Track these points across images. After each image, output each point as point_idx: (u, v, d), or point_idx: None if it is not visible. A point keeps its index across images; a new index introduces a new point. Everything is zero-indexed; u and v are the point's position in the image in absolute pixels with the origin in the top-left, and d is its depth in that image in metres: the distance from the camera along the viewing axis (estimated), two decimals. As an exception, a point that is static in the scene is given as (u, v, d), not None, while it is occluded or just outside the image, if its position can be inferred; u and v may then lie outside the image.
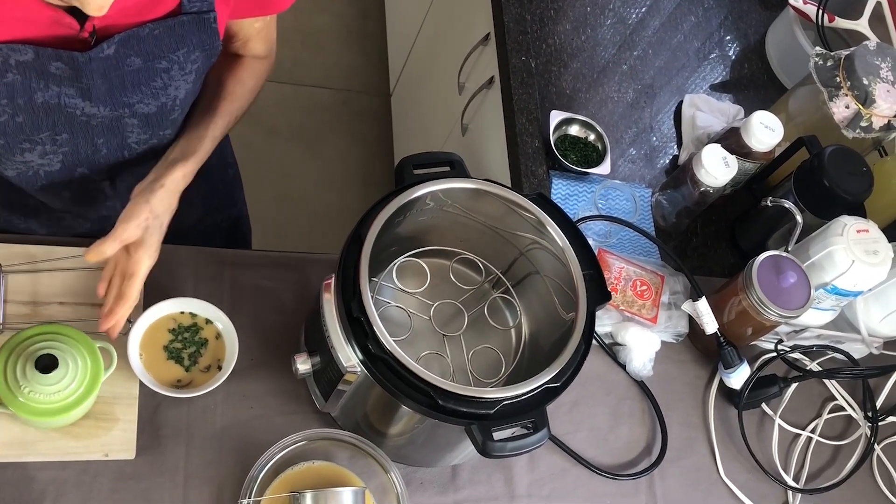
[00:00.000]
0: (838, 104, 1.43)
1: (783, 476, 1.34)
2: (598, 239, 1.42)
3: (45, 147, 1.05)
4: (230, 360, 1.10)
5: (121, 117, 1.05)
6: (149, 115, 1.07)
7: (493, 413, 0.96)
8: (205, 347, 1.12)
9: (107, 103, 1.02)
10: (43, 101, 0.98)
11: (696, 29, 1.81)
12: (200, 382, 1.09)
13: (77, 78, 0.97)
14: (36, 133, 1.02)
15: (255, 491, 1.04)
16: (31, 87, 0.97)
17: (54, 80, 0.97)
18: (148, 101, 1.05)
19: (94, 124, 1.04)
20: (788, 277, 1.25)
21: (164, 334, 1.11)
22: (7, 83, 0.95)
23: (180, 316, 1.13)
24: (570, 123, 1.51)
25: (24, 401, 0.97)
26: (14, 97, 0.97)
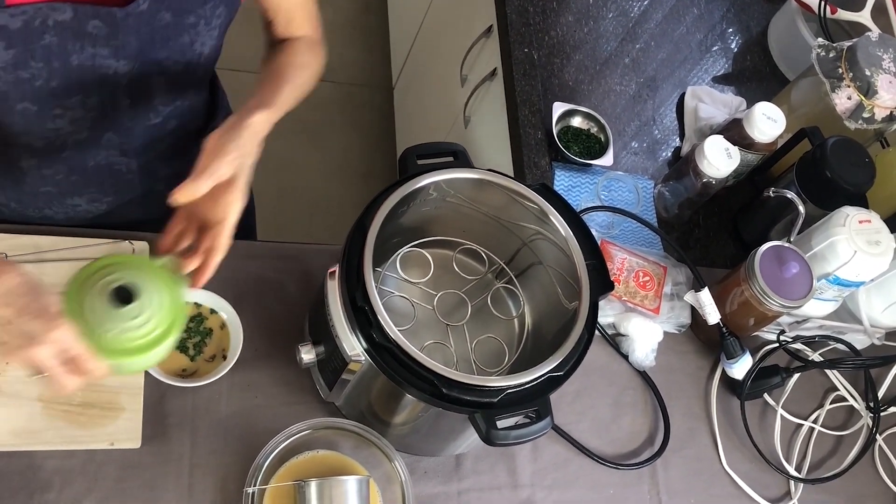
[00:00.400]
0: (840, 95, 1.43)
1: (785, 466, 1.34)
2: (601, 230, 1.42)
3: (74, 112, 1.04)
4: (235, 350, 1.11)
5: (149, 75, 1.05)
6: (176, 73, 1.07)
7: (497, 401, 0.96)
8: (210, 337, 1.12)
9: (136, 60, 1.02)
10: (78, 63, 0.98)
11: (698, 21, 1.81)
12: (205, 372, 1.10)
13: (112, 36, 0.97)
14: (67, 98, 1.02)
15: (259, 479, 1.05)
16: (67, 49, 0.96)
17: (90, 40, 0.96)
18: (176, 57, 1.05)
19: (123, 84, 1.04)
20: (791, 268, 1.25)
21: None
22: (44, 45, 0.95)
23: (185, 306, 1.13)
24: (573, 115, 1.51)
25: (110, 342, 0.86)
26: (50, 60, 0.96)
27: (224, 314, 1.14)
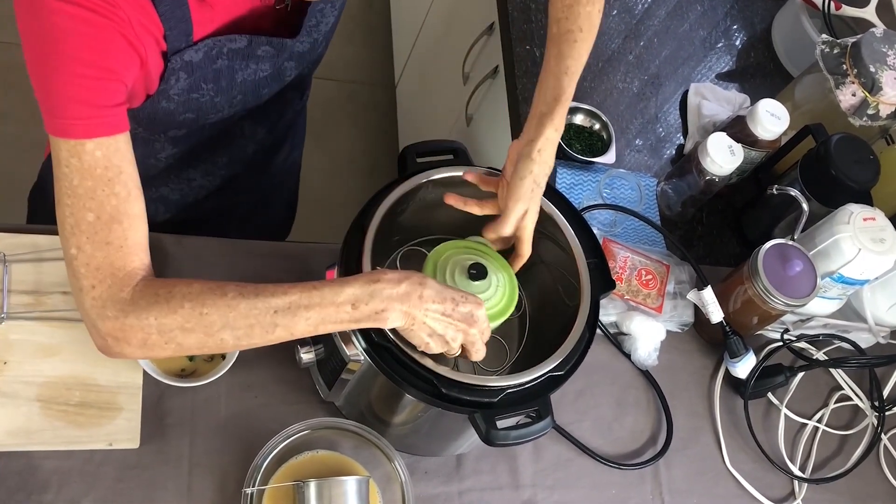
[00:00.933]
0: (845, 92, 1.42)
1: (789, 466, 1.33)
2: (603, 228, 1.41)
3: (223, 113, 1.09)
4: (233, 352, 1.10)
5: (281, 62, 1.08)
6: (302, 52, 1.10)
7: (497, 401, 0.96)
8: None
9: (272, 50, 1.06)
10: (242, 80, 1.04)
11: (702, 18, 1.80)
12: (204, 372, 1.09)
13: (278, 56, 1.04)
14: (224, 106, 1.07)
15: (258, 480, 1.04)
16: (234, 69, 1.01)
17: (255, 60, 1.02)
18: (303, 38, 1.08)
19: (260, 77, 1.08)
20: (794, 266, 1.24)
21: None
22: (216, 69, 1.00)
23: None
24: (575, 112, 1.50)
25: None
26: (219, 80, 1.01)
27: None
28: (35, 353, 1.07)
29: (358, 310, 0.88)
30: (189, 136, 1.16)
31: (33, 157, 2.09)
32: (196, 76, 0.99)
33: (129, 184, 0.90)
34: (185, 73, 0.98)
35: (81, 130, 0.85)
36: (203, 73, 1.00)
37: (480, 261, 1.02)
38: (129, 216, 0.90)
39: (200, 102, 1.04)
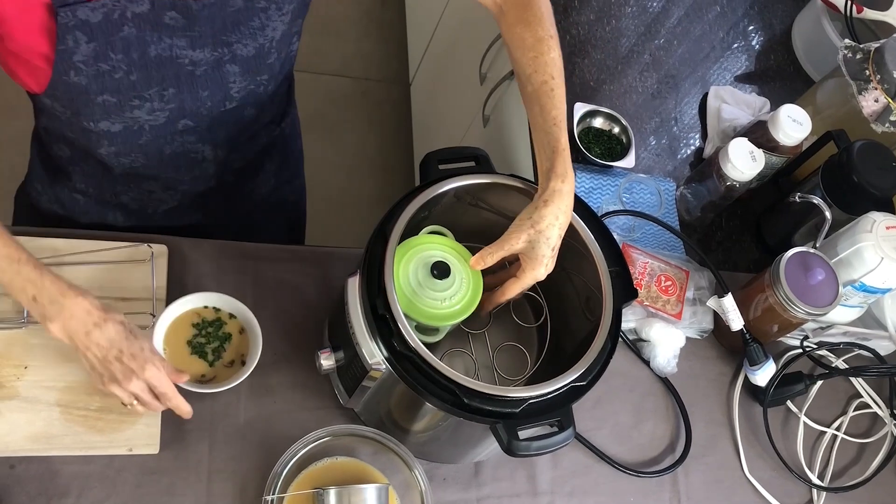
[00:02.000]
0: (867, 98, 1.41)
1: (808, 474, 1.32)
2: (622, 233, 1.40)
3: (153, 104, 1.06)
4: (254, 356, 1.10)
5: (221, 62, 1.06)
6: (248, 58, 1.08)
7: (519, 412, 0.95)
8: (228, 342, 1.12)
9: (209, 46, 1.03)
10: (156, 54, 1.00)
11: (720, 18, 1.79)
12: (224, 378, 1.09)
13: (189, 27, 0.99)
14: (146, 89, 1.04)
15: (278, 487, 1.04)
16: (145, 40, 0.98)
17: (167, 30, 0.99)
18: (246, 41, 1.06)
19: (198, 74, 1.05)
20: (816, 275, 1.23)
21: (188, 329, 1.11)
22: (123, 37, 0.97)
23: (204, 311, 1.12)
24: (595, 116, 1.50)
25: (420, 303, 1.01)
26: (129, 51, 0.98)
27: (243, 319, 1.13)
28: (55, 357, 1.07)
29: (36, 303, 0.95)
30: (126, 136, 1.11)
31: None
32: (100, 42, 0.96)
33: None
34: (84, 35, 0.95)
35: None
36: (108, 40, 0.97)
37: (443, 258, 1.05)
38: None
39: (115, 80, 1.01)
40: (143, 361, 0.97)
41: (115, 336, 0.96)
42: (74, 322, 0.95)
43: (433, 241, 1.07)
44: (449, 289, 1.04)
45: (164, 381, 0.99)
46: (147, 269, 1.16)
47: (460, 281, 1.05)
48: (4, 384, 1.05)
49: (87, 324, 0.95)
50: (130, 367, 0.97)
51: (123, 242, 1.16)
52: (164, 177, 1.22)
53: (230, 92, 1.11)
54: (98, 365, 0.97)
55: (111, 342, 0.96)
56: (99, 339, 0.95)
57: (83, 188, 1.24)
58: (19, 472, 1.02)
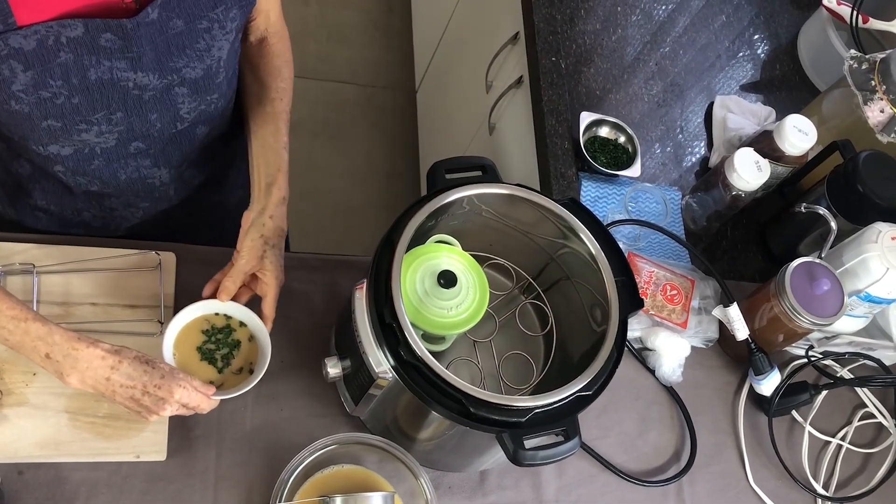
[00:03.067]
0: (873, 108, 1.41)
1: (812, 484, 1.32)
2: (628, 242, 1.41)
3: (100, 127, 1.05)
4: (262, 364, 1.10)
5: (170, 87, 1.06)
6: (196, 79, 1.08)
7: (525, 421, 0.95)
8: (238, 349, 1.12)
9: (156, 71, 1.03)
10: (97, 77, 0.99)
11: (725, 27, 1.80)
12: (232, 385, 1.09)
13: (127, 48, 0.98)
14: (92, 113, 1.03)
15: (285, 495, 1.04)
16: (83, 65, 0.97)
17: (105, 53, 0.98)
18: (194, 64, 1.06)
19: (146, 99, 1.05)
20: (822, 285, 1.23)
21: (198, 335, 1.11)
22: (60, 63, 0.96)
23: (214, 317, 1.12)
24: (600, 125, 1.50)
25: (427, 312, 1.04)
26: (69, 77, 0.97)
27: (252, 327, 1.13)
28: (64, 364, 1.08)
29: (50, 361, 0.97)
30: (78, 159, 1.11)
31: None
32: (37, 70, 0.95)
33: None
34: (20, 63, 0.94)
35: None
36: (46, 68, 0.96)
37: (450, 267, 1.06)
38: None
39: (58, 105, 1.00)
40: (170, 387, 0.99)
41: (133, 373, 0.98)
42: (91, 371, 0.97)
43: (440, 250, 1.08)
44: (455, 298, 1.04)
45: (194, 397, 1.01)
46: (155, 276, 1.16)
47: (467, 290, 1.06)
48: (13, 391, 1.05)
49: (104, 370, 0.97)
50: (159, 395, 0.98)
51: (132, 250, 1.17)
52: (123, 199, 1.22)
53: (179, 113, 1.10)
54: (130, 403, 0.99)
55: (133, 380, 0.98)
56: (120, 380, 0.97)
57: (44, 205, 1.22)
58: (28, 478, 1.02)
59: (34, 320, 0.96)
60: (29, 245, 1.14)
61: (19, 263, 1.11)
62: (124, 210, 1.25)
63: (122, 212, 1.25)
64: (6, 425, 1.03)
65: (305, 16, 2.90)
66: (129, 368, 0.97)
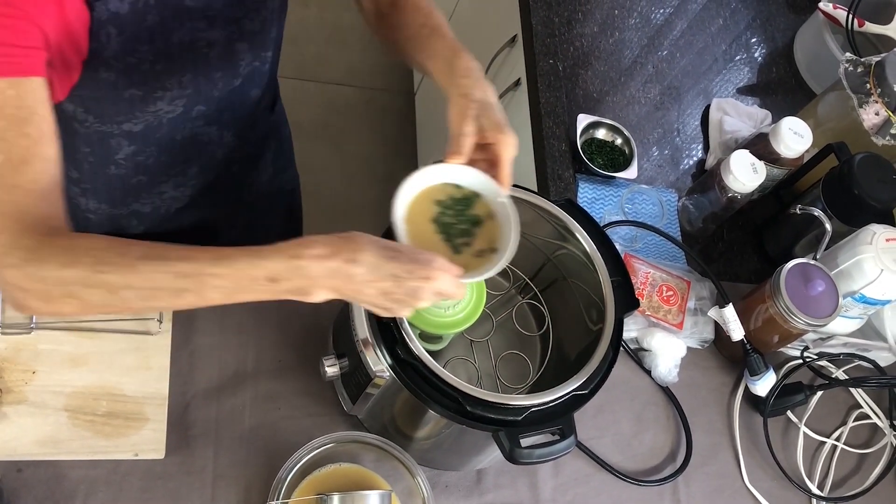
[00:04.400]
0: (868, 111, 1.42)
1: (808, 484, 1.33)
2: (625, 244, 1.42)
3: (173, 93, 1.06)
4: (506, 243, 0.91)
5: (231, 41, 1.06)
6: (254, 33, 1.08)
7: (521, 420, 0.96)
8: (479, 227, 0.94)
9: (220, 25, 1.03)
10: (178, 40, 1.00)
11: (722, 31, 1.81)
12: (474, 267, 0.90)
13: (208, 6, 0.99)
14: (168, 78, 1.03)
15: (282, 493, 1.05)
16: (168, 28, 0.98)
17: (187, 14, 0.98)
18: (252, 15, 1.06)
19: (212, 56, 1.06)
20: (817, 286, 1.24)
21: (431, 206, 0.94)
22: (147, 26, 0.96)
23: (446, 188, 0.95)
24: (597, 127, 1.51)
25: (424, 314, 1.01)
26: (154, 41, 0.98)
27: (491, 201, 0.95)
28: (63, 363, 1.08)
29: (278, 284, 0.83)
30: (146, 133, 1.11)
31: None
32: (128, 34, 0.96)
33: (42, 126, 0.85)
34: (115, 28, 0.94)
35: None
36: (135, 32, 0.96)
37: None
38: (42, 158, 0.85)
39: (142, 72, 1.00)
40: (425, 271, 0.83)
41: (377, 262, 0.82)
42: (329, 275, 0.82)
43: None
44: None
45: (447, 283, 0.85)
46: (154, 275, 1.17)
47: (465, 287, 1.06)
48: (13, 389, 1.06)
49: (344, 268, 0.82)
50: (411, 284, 0.83)
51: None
52: (174, 172, 1.23)
53: (239, 70, 1.11)
54: (380, 300, 0.85)
55: (379, 271, 0.83)
56: (365, 275, 0.82)
57: (94, 207, 1.23)
58: (27, 475, 1.03)
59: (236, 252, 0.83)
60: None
61: (19, 262, 1.12)
62: (174, 191, 1.25)
63: (171, 193, 1.25)
64: (5, 423, 1.04)
65: (305, 18, 2.90)
66: (370, 257, 0.82)
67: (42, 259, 0.83)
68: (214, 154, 1.24)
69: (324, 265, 0.82)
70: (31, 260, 0.83)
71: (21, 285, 0.84)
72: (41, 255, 0.83)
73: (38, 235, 0.84)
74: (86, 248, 0.84)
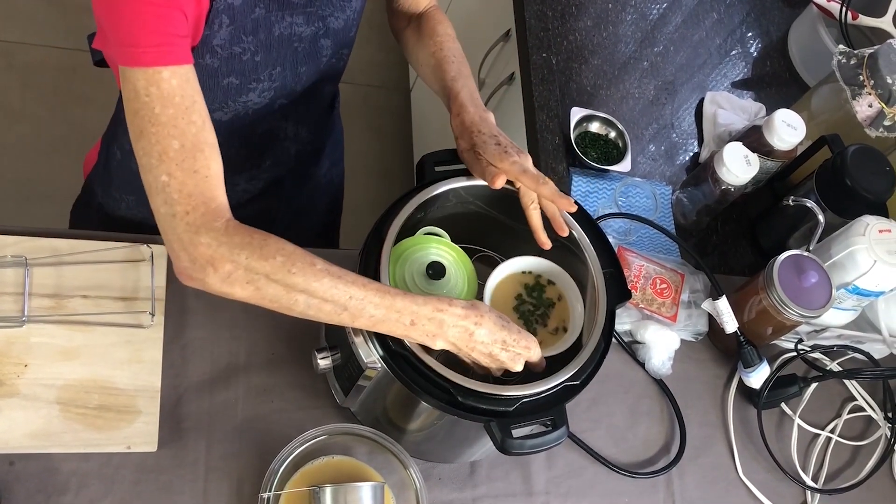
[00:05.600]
0: (861, 103, 1.42)
1: (802, 476, 1.33)
2: (618, 237, 1.42)
3: (263, 84, 1.09)
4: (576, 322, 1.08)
5: (317, 36, 1.09)
6: (338, 30, 1.11)
7: (513, 410, 0.96)
8: (552, 308, 1.10)
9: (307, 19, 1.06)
10: (279, 33, 1.03)
11: (717, 25, 1.81)
12: (550, 344, 1.07)
13: (310, 3, 1.03)
14: (264, 69, 1.06)
15: (275, 485, 1.05)
16: (271, 21, 1.01)
17: (289, 8, 1.02)
18: (337, 14, 1.09)
19: (300, 51, 1.08)
20: (810, 277, 1.24)
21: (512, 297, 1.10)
22: (254, 18, 1.00)
23: (523, 276, 1.11)
24: (591, 120, 1.51)
25: None
26: (258, 32, 1.01)
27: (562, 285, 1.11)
28: (55, 356, 1.08)
29: (415, 327, 0.94)
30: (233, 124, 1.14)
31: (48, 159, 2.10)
32: (237, 24, 1.00)
33: (203, 113, 0.91)
34: (228, 17, 0.98)
35: (155, 57, 0.87)
36: (243, 22, 1.00)
37: (438, 259, 1.06)
38: (209, 145, 0.92)
39: (243, 62, 1.04)
40: (527, 343, 0.97)
41: (494, 328, 0.96)
42: (456, 330, 0.95)
43: (429, 243, 1.08)
44: (444, 289, 1.05)
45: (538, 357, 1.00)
46: (146, 269, 1.17)
47: (455, 282, 1.06)
48: (4, 382, 1.06)
49: (468, 327, 0.95)
50: (516, 351, 0.97)
51: (123, 243, 1.18)
52: (250, 165, 1.25)
53: (321, 67, 1.14)
54: (484, 359, 0.98)
55: (493, 336, 0.96)
56: (482, 337, 0.96)
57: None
58: (18, 468, 1.03)
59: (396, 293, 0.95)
60: (21, 238, 1.14)
61: (11, 256, 1.12)
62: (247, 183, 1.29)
63: (244, 185, 1.29)
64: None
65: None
66: (490, 324, 0.96)
67: (236, 245, 0.90)
68: (288, 149, 1.27)
69: (457, 322, 0.95)
70: (225, 242, 0.90)
71: (209, 261, 0.91)
72: (235, 242, 0.90)
73: (225, 221, 0.92)
74: (278, 248, 0.92)
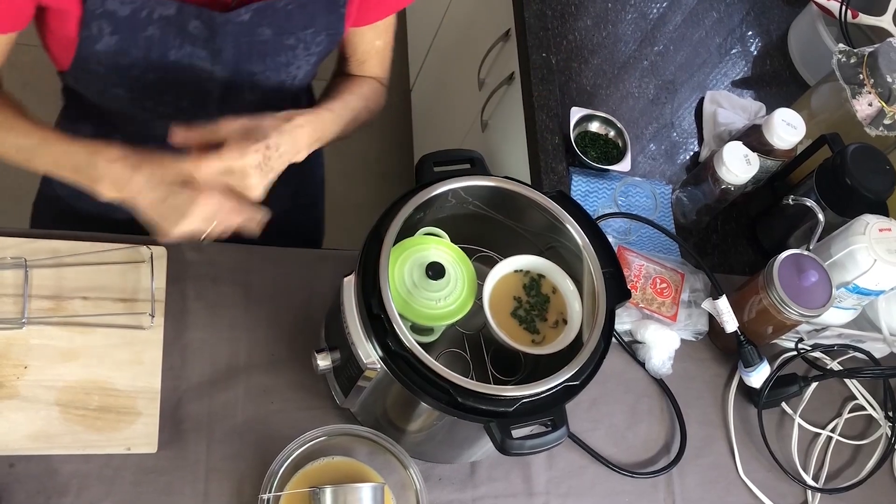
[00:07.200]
0: (861, 102, 1.42)
1: (802, 475, 1.33)
2: (618, 236, 1.41)
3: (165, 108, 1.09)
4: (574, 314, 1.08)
5: (241, 88, 1.08)
6: (266, 90, 1.10)
7: (512, 411, 0.96)
8: (548, 303, 1.10)
9: (231, 69, 1.05)
10: (175, 59, 1.02)
11: (717, 24, 1.81)
12: (552, 338, 1.07)
13: (211, 39, 1.01)
14: (160, 94, 1.06)
15: (275, 486, 1.05)
16: (167, 44, 1.00)
17: (189, 39, 1.01)
18: (269, 73, 1.08)
19: (215, 92, 1.07)
20: (810, 276, 1.24)
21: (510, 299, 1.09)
22: (146, 36, 0.99)
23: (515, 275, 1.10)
24: (591, 120, 1.51)
25: (416, 303, 1.03)
26: (149, 51, 1.01)
27: (553, 278, 1.10)
28: (55, 357, 1.08)
29: (79, 173, 0.97)
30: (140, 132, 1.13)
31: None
32: (124, 37, 0.99)
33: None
34: (109, 25, 0.97)
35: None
36: (132, 38, 0.99)
37: (438, 259, 1.06)
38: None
39: (133, 77, 1.03)
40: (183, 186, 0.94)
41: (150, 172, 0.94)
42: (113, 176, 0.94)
43: (428, 242, 1.08)
44: (444, 289, 1.05)
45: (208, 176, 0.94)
46: (146, 270, 1.17)
47: (455, 281, 1.06)
48: (4, 384, 1.06)
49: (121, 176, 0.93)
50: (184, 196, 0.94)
51: (123, 244, 1.18)
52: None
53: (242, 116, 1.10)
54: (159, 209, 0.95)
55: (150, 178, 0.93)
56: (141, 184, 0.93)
57: None
58: (19, 470, 1.03)
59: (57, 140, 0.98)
60: (20, 239, 1.14)
61: (11, 258, 1.12)
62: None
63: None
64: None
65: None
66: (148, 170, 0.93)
67: None
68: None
69: (110, 167, 0.95)
70: None
71: None
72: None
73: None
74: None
